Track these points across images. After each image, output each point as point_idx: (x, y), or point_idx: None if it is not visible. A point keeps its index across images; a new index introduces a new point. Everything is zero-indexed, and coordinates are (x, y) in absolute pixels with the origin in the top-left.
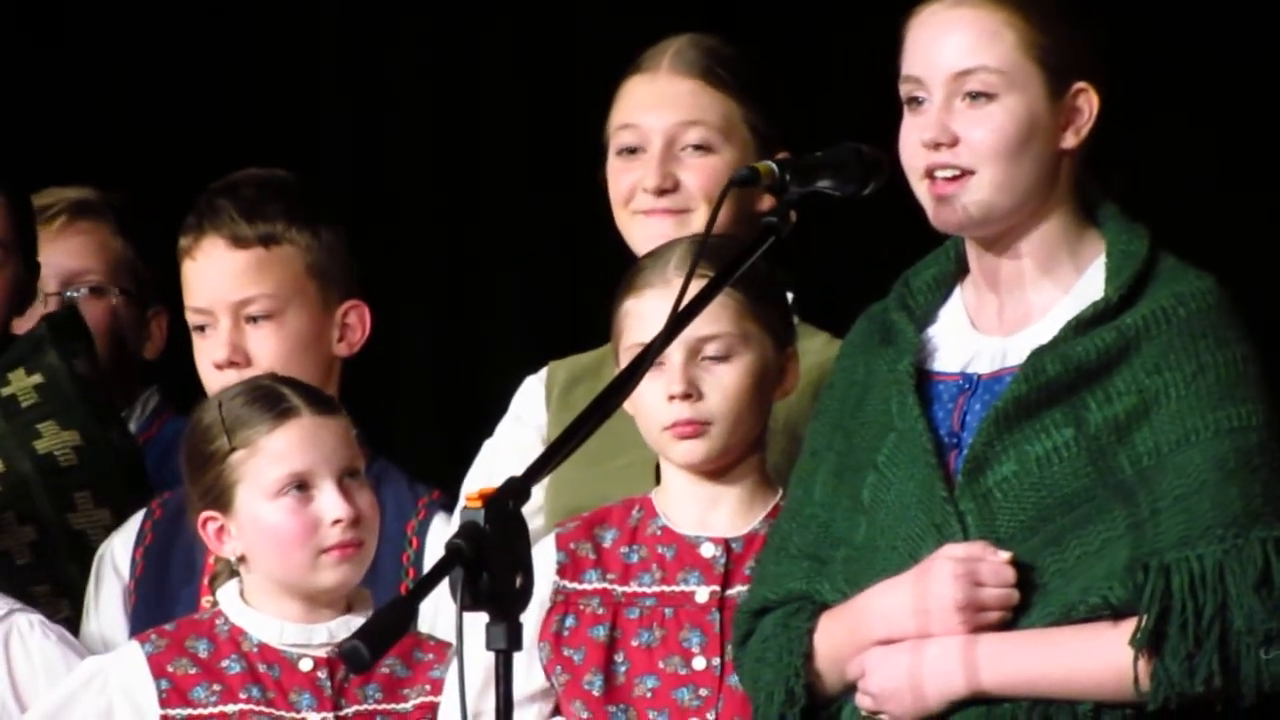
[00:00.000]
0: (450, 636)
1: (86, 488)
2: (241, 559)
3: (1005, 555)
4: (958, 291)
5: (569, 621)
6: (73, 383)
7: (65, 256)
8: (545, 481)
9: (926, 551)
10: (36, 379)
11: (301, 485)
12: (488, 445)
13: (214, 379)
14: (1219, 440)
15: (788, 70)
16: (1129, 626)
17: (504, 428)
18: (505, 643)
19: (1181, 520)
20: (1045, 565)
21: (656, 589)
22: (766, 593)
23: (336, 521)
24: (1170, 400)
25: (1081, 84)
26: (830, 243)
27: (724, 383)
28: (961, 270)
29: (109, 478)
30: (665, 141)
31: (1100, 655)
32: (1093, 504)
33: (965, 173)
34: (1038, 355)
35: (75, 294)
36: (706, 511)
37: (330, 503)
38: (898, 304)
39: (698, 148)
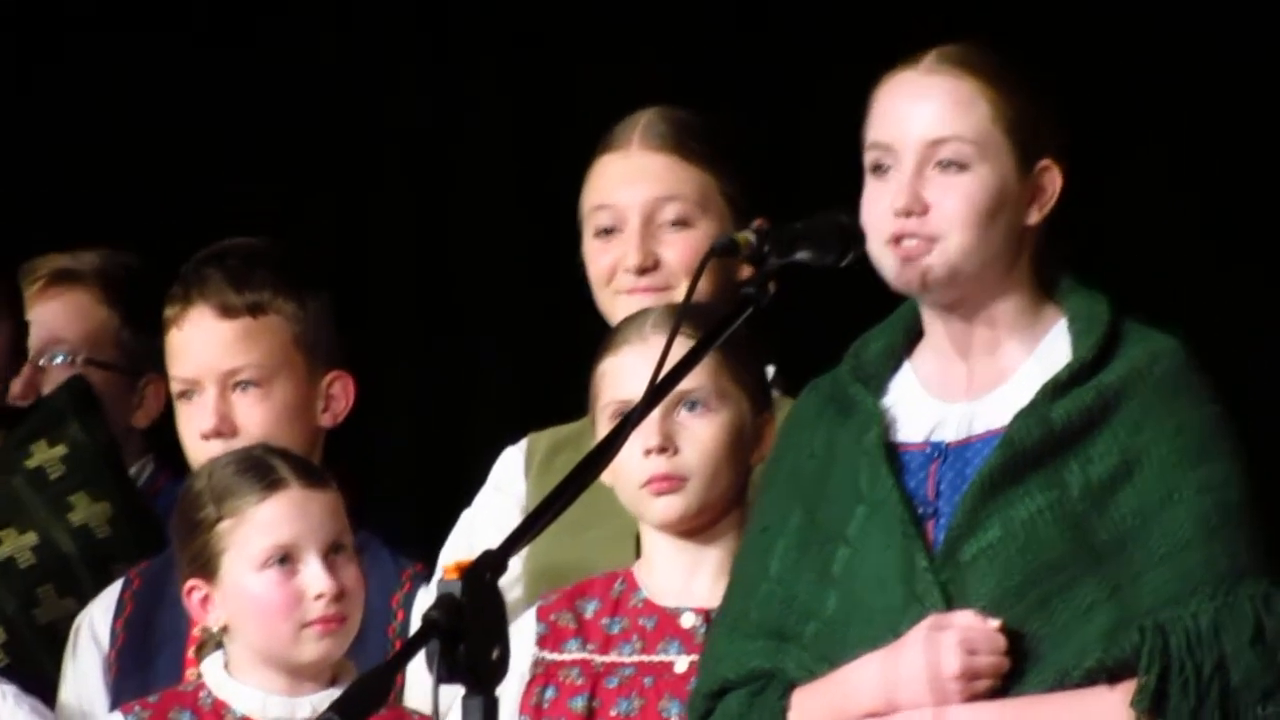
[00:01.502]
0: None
1: (122, 558)
2: (225, 629)
3: (995, 622)
4: (908, 364)
5: (549, 693)
6: (98, 453)
7: (38, 325)
8: (523, 551)
9: (907, 623)
10: (61, 450)
11: (286, 557)
12: (466, 515)
13: (199, 448)
14: (1201, 498)
15: (765, 135)
16: (1127, 688)
17: (483, 498)
18: (482, 715)
19: (1170, 579)
20: (1033, 630)
21: (636, 659)
22: (726, 672)
23: (320, 595)
24: (1152, 460)
25: (1046, 161)
26: (813, 317)
27: (700, 437)
28: (910, 342)
29: (141, 547)
30: (643, 219)
31: (1101, 718)
32: (1078, 566)
33: (932, 239)
34: (1019, 420)
35: (45, 363)
36: (688, 579)
37: (315, 576)
38: (852, 376)
39: (676, 223)
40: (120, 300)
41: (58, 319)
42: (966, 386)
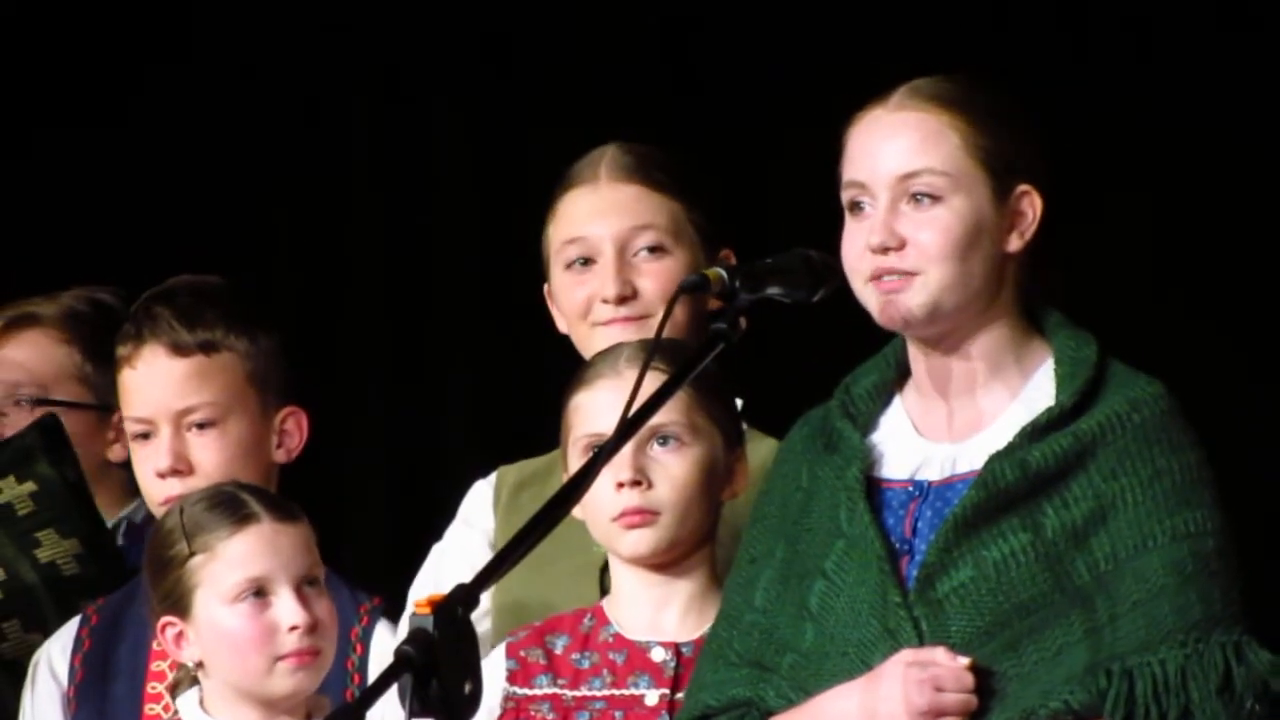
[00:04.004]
0: None
1: (89, 595)
2: (200, 664)
3: (964, 660)
4: (898, 399)
5: None
6: (68, 490)
7: (2, 370)
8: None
9: (879, 657)
10: (30, 487)
11: (259, 591)
12: (436, 549)
13: (156, 488)
14: (1177, 545)
15: (737, 173)
16: None
17: (452, 532)
18: None
19: (1142, 625)
20: (1002, 671)
21: (606, 692)
22: (708, 699)
23: (294, 628)
24: (1127, 506)
25: (1025, 186)
26: (780, 349)
27: (672, 472)
28: (901, 378)
29: (109, 585)
30: (617, 249)
31: None
32: (1049, 609)
33: (912, 274)
34: (995, 462)
35: (7, 406)
36: (657, 614)
37: (288, 609)
38: (840, 411)
39: (652, 250)
40: (81, 338)
41: (16, 361)
42: (949, 427)
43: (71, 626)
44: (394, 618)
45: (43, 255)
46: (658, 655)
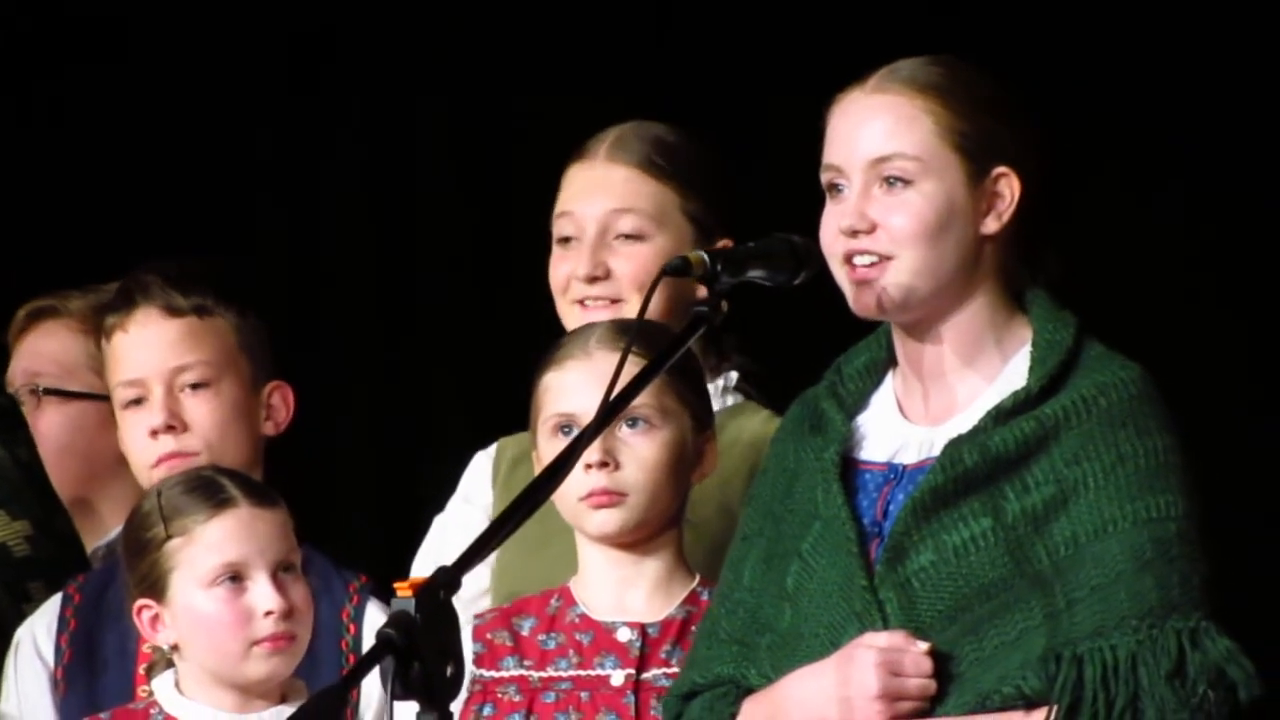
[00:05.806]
0: None
1: (40, 577)
2: (175, 648)
3: (924, 645)
4: (889, 379)
5: (487, 710)
6: (19, 471)
7: (24, 359)
8: (493, 565)
9: (847, 639)
10: None
11: (235, 576)
12: (438, 521)
13: (149, 449)
14: (1137, 531)
15: (731, 155)
16: (1041, 716)
17: (453, 507)
18: None
19: (1097, 610)
20: (963, 654)
21: (572, 673)
22: (695, 676)
23: (269, 613)
24: (1089, 490)
25: (1002, 169)
26: (778, 325)
27: (641, 454)
28: (893, 357)
29: (61, 566)
30: (598, 230)
31: None
32: (1010, 593)
33: (884, 258)
34: (955, 445)
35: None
36: (623, 594)
37: (263, 594)
38: (828, 391)
39: (630, 236)
40: (99, 328)
41: (36, 351)
42: (927, 410)
43: (54, 606)
44: (381, 597)
45: (30, 253)
46: (623, 635)
